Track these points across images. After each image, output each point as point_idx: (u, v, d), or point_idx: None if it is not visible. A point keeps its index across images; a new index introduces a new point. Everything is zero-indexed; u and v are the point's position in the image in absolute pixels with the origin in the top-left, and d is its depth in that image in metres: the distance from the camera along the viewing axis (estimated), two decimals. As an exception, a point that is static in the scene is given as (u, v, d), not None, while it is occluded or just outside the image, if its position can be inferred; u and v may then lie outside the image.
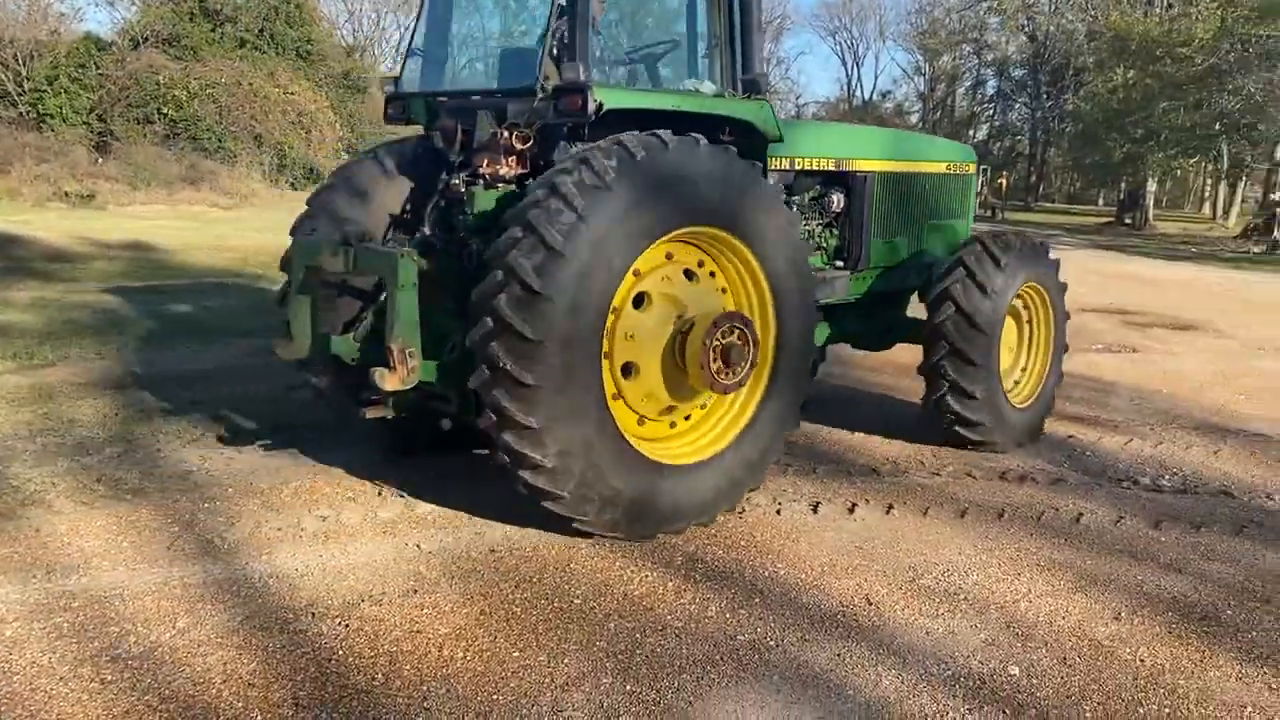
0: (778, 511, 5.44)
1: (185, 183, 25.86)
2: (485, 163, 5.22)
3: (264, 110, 29.06)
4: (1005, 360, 6.81)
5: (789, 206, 6.07)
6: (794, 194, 6.47)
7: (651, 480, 4.84)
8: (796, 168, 6.31)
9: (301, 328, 5.25)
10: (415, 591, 4.31)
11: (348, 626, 3.99)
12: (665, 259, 5.02)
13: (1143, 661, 3.96)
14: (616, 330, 4.82)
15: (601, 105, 4.86)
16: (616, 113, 4.93)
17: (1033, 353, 7.13)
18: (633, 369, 4.94)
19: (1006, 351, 6.84)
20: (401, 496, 5.40)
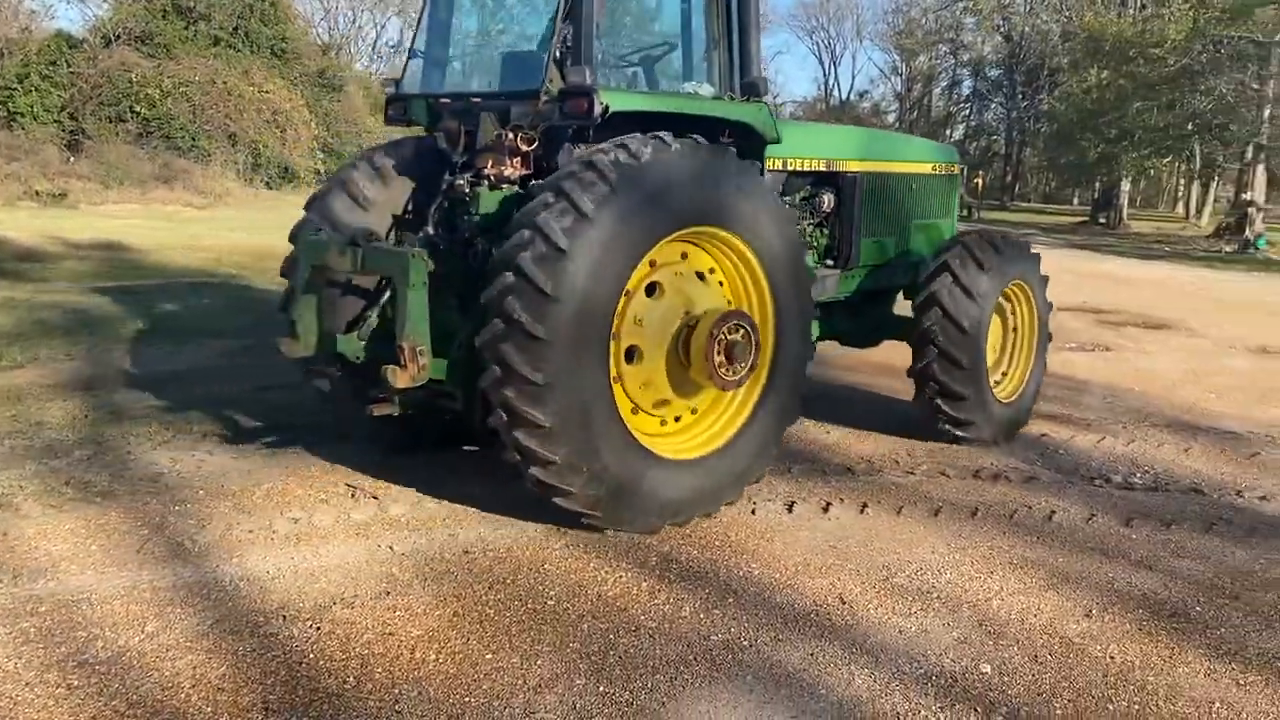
0: (753, 511, 5.44)
1: (158, 182, 25.57)
2: (490, 163, 5.27)
3: (238, 109, 28.80)
4: (990, 357, 6.91)
5: None
6: (786, 194, 6.52)
7: (655, 473, 4.92)
8: (789, 168, 6.38)
9: (307, 327, 5.32)
10: (388, 594, 4.28)
11: (319, 629, 3.96)
12: (680, 258, 5.13)
13: (1113, 658, 3.99)
14: (627, 313, 4.90)
15: (607, 108, 4.94)
16: (619, 115, 5.01)
17: (1017, 348, 7.27)
18: (636, 354, 5.01)
19: (991, 349, 6.94)
20: (375, 498, 5.37)
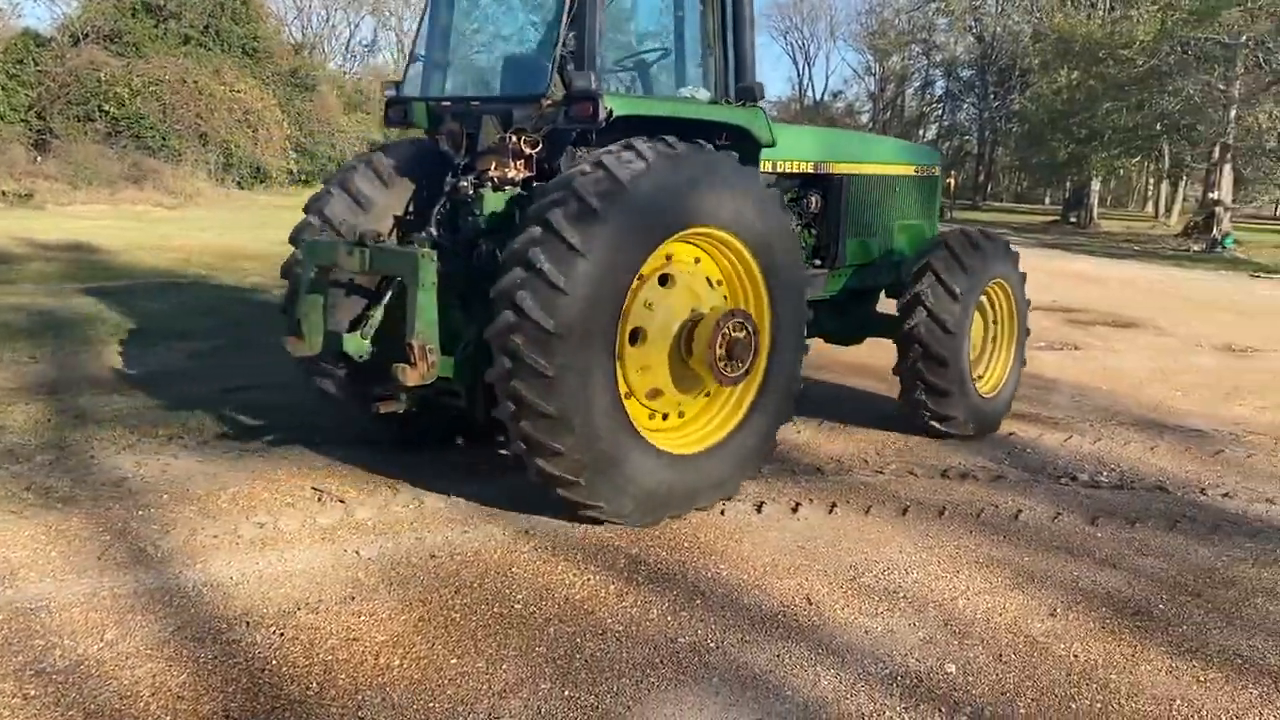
0: (722, 512, 5.44)
1: (128, 182, 25.30)
2: (493, 165, 5.35)
3: (209, 108, 28.54)
4: (972, 354, 7.08)
5: None
6: None
7: (657, 467, 5.04)
8: (778, 170, 6.48)
9: (313, 326, 5.37)
10: (353, 599, 4.25)
11: (283, 635, 3.92)
12: (694, 262, 5.31)
13: (1076, 657, 4.02)
14: (639, 296, 5.03)
15: (612, 112, 5.04)
16: (620, 118, 5.11)
17: (998, 344, 7.47)
18: (641, 336, 5.10)
19: (973, 346, 7.11)
20: (341, 502, 5.32)
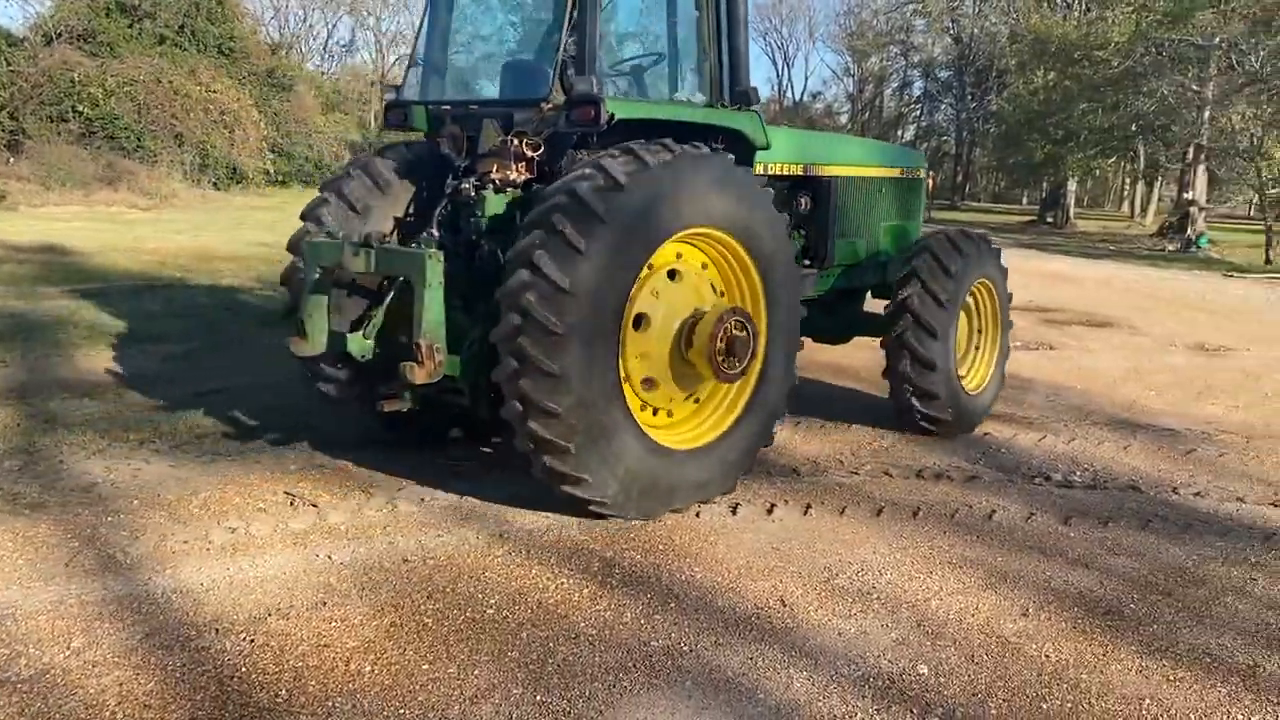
0: (697, 514, 5.43)
1: (102, 183, 25.01)
2: (495, 168, 5.40)
3: (185, 109, 28.26)
4: (958, 352, 7.20)
5: None
6: None
7: (660, 462, 5.16)
8: (769, 172, 6.56)
9: (317, 326, 5.41)
10: (324, 604, 4.21)
11: (253, 642, 3.88)
12: (700, 268, 5.44)
13: (1048, 657, 4.03)
14: (647, 284, 5.14)
15: (613, 116, 5.11)
16: (620, 122, 5.19)
17: (983, 342, 7.64)
18: (644, 321, 5.18)
19: (958, 345, 7.22)
20: (314, 506, 5.29)
